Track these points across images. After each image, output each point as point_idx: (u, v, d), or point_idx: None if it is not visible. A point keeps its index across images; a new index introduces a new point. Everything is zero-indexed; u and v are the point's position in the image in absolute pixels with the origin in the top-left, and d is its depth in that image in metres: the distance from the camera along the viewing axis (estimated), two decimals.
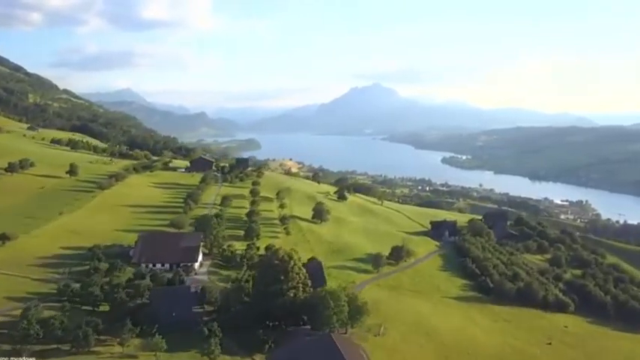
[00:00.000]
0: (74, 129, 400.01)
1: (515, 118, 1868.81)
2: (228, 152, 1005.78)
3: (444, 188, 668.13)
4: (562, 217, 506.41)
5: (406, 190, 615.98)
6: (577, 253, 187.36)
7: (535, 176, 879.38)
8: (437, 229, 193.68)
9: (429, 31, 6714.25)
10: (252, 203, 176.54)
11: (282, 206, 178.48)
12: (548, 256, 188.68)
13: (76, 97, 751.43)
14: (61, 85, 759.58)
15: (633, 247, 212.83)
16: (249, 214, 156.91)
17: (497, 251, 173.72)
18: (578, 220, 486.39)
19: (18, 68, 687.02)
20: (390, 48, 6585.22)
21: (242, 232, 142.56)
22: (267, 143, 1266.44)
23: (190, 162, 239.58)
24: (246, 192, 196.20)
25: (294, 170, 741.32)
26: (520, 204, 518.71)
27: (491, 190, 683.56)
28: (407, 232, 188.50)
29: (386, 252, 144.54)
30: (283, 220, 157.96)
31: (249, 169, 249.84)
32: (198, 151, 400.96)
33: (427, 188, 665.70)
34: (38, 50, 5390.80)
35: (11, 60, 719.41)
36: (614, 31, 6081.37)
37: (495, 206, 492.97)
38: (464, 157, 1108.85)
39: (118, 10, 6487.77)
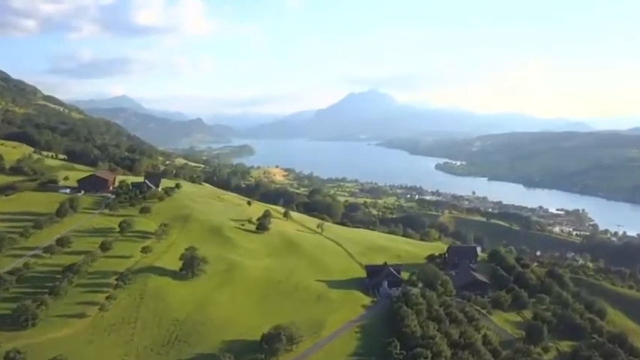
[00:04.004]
0: (10, 137, 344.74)
1: (512, 123, 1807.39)
2: (220, 158, 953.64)
3: (434, 197, 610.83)
4: (557, 228, 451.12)
5: (392, 200, 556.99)
6: (566, 314, 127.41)
7: (530, 183, 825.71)
8: (374, 277, 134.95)
9: (425, 36, 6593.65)
10: (102, 245, 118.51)
11: (145, 250, 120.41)
12: (528, 313, 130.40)
13: (60, 103, 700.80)
14: (58, 93, 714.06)
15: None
16: (65, 270, 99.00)
17: (449, 316, 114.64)
18: (575, 234, 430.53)
19: None
20: (387, 54, 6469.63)
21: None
22: (263, 149, 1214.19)
23: (78, 181, 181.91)
24: (129, 222, 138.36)
25: (279, 178, 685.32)
26: (512, 215, 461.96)
27: (484, 198, 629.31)
28: (333, 282, 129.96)
29: (279, 327, 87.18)
30: (122, 278, 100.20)
31: (160, 188, 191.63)
32: (145, 161, 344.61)
33: (416, 197, 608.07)
34: (34, 57, 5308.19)
35: None
36: (614, 35, 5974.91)
37: (484, 219, 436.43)
38: (458, 163, 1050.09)
39: (111, 16, 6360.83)
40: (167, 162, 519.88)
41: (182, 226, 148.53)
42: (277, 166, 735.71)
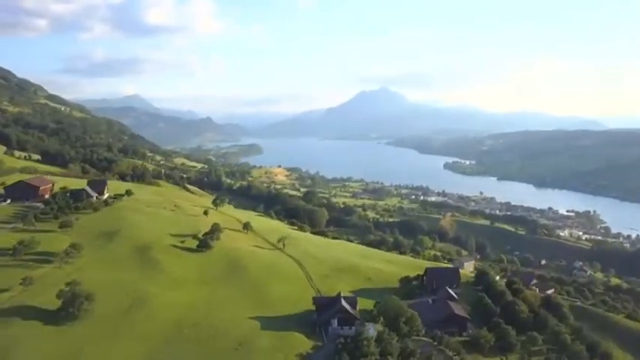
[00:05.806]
0: None
1: (525, 121, 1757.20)
2: (226, 157, 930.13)
3: (439, 198, 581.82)
4: (566, 232, 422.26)
5: (394, 201, 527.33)
6: None
7: (541, 183, 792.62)
8: (323, 313, 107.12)
9: (432, 36, 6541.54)
10: None
11: (26, 281, 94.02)
12: (514, 359, 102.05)
13: (63, 102, 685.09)
14: (71, 93, 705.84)
15: None
16: None
17: None
18: (584, 238, 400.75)
19: None
20: (398, 52, 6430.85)
21: None
22: (272, 148, 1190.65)
23: (5, 188, 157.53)
24: (28, 242, 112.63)
25: (281, 178, 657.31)
26: (518, 218, 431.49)
27: (492, 198, 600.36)
28: (271, 320, 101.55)
29: None
30: None
31: (106, 196, 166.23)
32: (124, 162, 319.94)
33: (421, 197, 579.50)
34: (47, 57, 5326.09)
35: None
36: (620, 35, 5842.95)
37: (487, 223, 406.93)
38: (467, 163, 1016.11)
39: (121, 15, 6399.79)
40: (162, 162, 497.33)
41: (102, 245, 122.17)
42: (280, 166, 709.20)
